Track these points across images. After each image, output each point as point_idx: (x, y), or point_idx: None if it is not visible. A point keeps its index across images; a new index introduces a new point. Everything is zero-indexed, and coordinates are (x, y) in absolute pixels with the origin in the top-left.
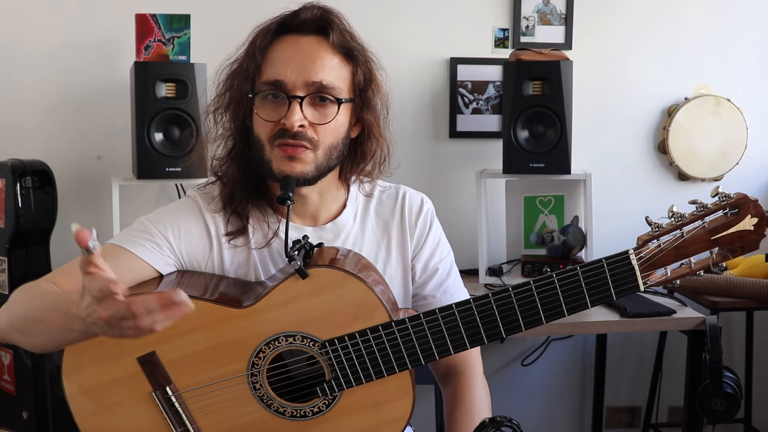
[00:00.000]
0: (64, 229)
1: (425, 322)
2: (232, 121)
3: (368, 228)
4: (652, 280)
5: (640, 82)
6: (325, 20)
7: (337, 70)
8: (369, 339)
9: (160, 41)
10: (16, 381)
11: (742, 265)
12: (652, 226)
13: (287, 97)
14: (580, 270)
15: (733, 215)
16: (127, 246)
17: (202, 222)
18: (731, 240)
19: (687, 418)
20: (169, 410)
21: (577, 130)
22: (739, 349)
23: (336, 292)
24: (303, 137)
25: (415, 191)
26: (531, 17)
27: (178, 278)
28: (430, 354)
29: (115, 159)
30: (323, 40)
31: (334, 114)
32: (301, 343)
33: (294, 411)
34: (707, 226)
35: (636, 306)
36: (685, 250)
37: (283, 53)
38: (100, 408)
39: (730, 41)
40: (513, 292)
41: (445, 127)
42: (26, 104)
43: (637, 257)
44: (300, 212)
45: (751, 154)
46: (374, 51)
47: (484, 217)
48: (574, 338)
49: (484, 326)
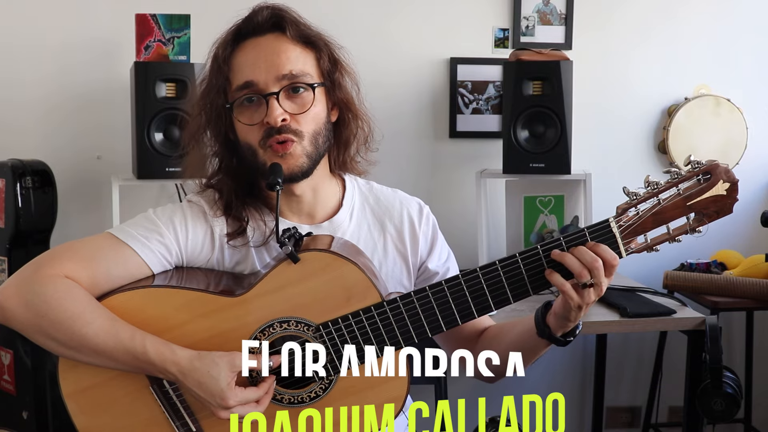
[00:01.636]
0: (64, 229)
1: (416, 300)
2: (214, 138)
3: (364, 227)
4: (633, 247)
5: (640, 82)
6: (277, 17)
7: (302, 58)
8: (362, 320)
9: (160, 41)
10: (16, 381)
11: (742, 265)
12: (630, 195)
13: (263, 97)
14: (564, 240)
15: (706, 181)
16: (129, 241)
17: (208, 226)
18: (706, 205)
19: (687, 418)
20: (167, 404)
21: (577, 130)
22: (739, 349)
23: (328, 275)
24: (287, 130)
25: (409, 195)
26: (531, 17)
27: (174, 274)
28: (423, 332)
29: (115, 159)
30: (281, 35)
31: (311, 100)
32: (296, 328)
33: (291, 397)
34: (682, 192)
35: (636, 306)
36: (663, 216)
37: (246, 57)
38: (97, 406)
39: (730, 41)
40: (500, 266)
41: (445, 127)
42: (26, 104)
43: (618, 225)
44: (296, 210)
45: (751, 154)
46: (374, 51)
47: (484, 217)
48: None
49: (473, 300)
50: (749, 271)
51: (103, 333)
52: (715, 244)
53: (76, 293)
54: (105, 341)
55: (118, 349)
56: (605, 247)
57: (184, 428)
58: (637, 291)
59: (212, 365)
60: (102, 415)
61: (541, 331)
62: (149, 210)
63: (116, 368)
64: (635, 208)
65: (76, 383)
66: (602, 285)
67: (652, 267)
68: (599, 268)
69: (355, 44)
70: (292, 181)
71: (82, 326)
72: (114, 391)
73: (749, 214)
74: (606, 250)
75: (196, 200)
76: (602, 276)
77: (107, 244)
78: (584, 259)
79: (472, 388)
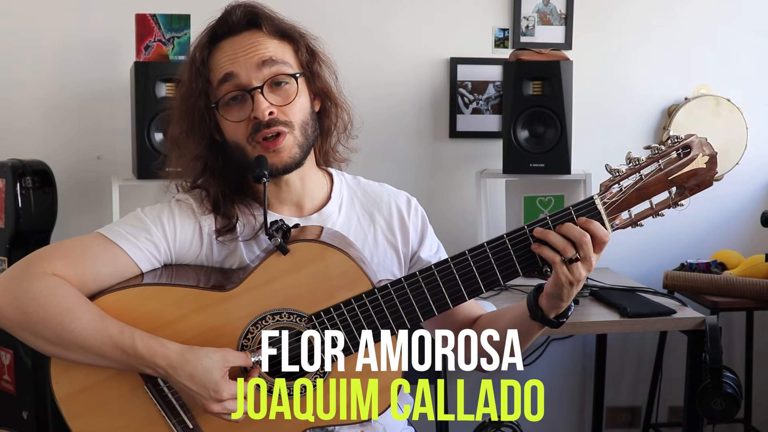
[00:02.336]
0: (64, 229)
1: (407, 285)
2: (198, 141)
3: (354, 218)
4: (618, 223)
5: (640, 82)
6: (252, 14)
7: (281, 50)
8: (354, 308)
9: (160, 41)
10: (16, 381)
11: (742, 265)
12: (613, 171)
13: (247, 92)
14: (550, 219)
15: (686, 155)
16: (117, 240)
17: (197, 223)
18: (686, 178)
19: (687, 418)
20: (162, 402)
21: (577, 130)
22: (739, 349)
23: (317, 265)
24: (277, 123)
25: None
26: (531, 17)
27: (163, 271)
28: (415, 317)
29: (115, 159)
30: (257, 31)
31: (295, 91)
32: (288, 319)
33: (288, 388)
34: (663, 167)
35: (636, 306)
36: (646, 191)
37: (225, 55)
38: (92, 408)
39: (730, 41)
40: (488, 247)
41: (445, 127)
42: (26, 104)
43: (602, 202)
44: (284, 199)
45: (751, 154)
46: (374, 51)
47: (484, 217)
48: (573, 338)
49: (463, 283)
50: (749, 271)
51: (91, 329)
52: (715, 244)
53: (65, 290)
54: (93, 337)
55: (107, 344)
56: (597, 223)
57: (181, 425)
58: (637, 291)
59: (205, 358)
60: (97, 417)
61: (534, 313)
62: (137, 209)
63: (106, 366)
64: (618, 185)
65: (69, 386)
66: (591, 260)
67: (652, 267)
68: (587, 243)
69: (356, 44)
70: (285, 173)
71: (70, 322)
72: (108, 392)
73: (749, 214)
74: (598, 227)
75: (184, 198)
76: (591, 251)
77: (96, 243)
78: (572, 234)
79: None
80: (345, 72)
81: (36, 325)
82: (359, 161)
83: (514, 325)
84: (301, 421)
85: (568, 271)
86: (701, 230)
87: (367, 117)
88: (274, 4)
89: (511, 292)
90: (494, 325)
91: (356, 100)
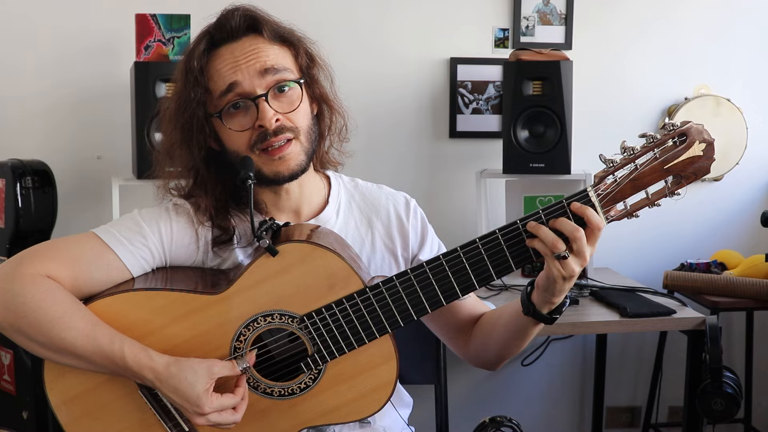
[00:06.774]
0: (64, 229)
1: (399, 283)
2: (193, 152)
3: (351, 223)
4: (612, 215)
5: (640, 82)
6: (251, 18)
7: (281, 55)
8: (346, 308)
9: (160, 41)
10: (16, 381)
11: (742, 265)
12: (607, 162)
13: (252, 100)
14: (543, 212)
15: (682, 143)
16: (112, 244)
17: (194, 229)
18: (683, 167)
19: (687, 418)
20: (157, 405)
21: (577, 130)
22: (739, 349)
23: (307, 265)
24: (284, 130)
25: (395, 190)
26: (531, 17)
27: (155, 275)
28: (408, 315)
29: (115, 159)
30: (257, 36)
31: (299, 96)
32: (280, 321)
33: (282, 390)
34: (659, 156)
35: (636, 306)
36: (641, 181)
37: (225, 63)
38: (87, 414)
39: (730, 41)
40: (480, 243)
41: (445, 127)
42: (26, 104)
43: (596, 193)
44: (282, 207)
45: (751, 154)
46: (374, 51)
47: (484, 217)
48: (573, 338)
49: (456, 279)
50: (749, 271)
51: (82, 337)
52: (715, 244)
53: (57, 295)
54: (84, 345)
55: (97, 353)
56: (591, 210)
57: (177, 429)
58: (637, 291)
59: (189, 371)
60: (93, 422)
61: (527, 308)
62: (135, 210)
63: (97, 371)
64: (613, 175)
65: (63, 393)
66: (584, 254)
67: (652, 267)
68: (580, 238)
69: (356, 44)
70: (291, 180)
71: (61, 330)
72: (103, 397)
73: (749, 214)
74: (592, 214)
75: (182, 203)
76: (584, 245)
77: (90, 245)
78: (565, 229)
79: (473, 388)
80: (345, 72)
81: (28, 330)
82: (359, 161)
83: (511, 323)
84: (298, 421)
85: (561, 265)
86: (701, 230)
87: (367, 117)
88: (274, 3)
89: (512, 292)
90: (493, 324)
91: (356, 100)
